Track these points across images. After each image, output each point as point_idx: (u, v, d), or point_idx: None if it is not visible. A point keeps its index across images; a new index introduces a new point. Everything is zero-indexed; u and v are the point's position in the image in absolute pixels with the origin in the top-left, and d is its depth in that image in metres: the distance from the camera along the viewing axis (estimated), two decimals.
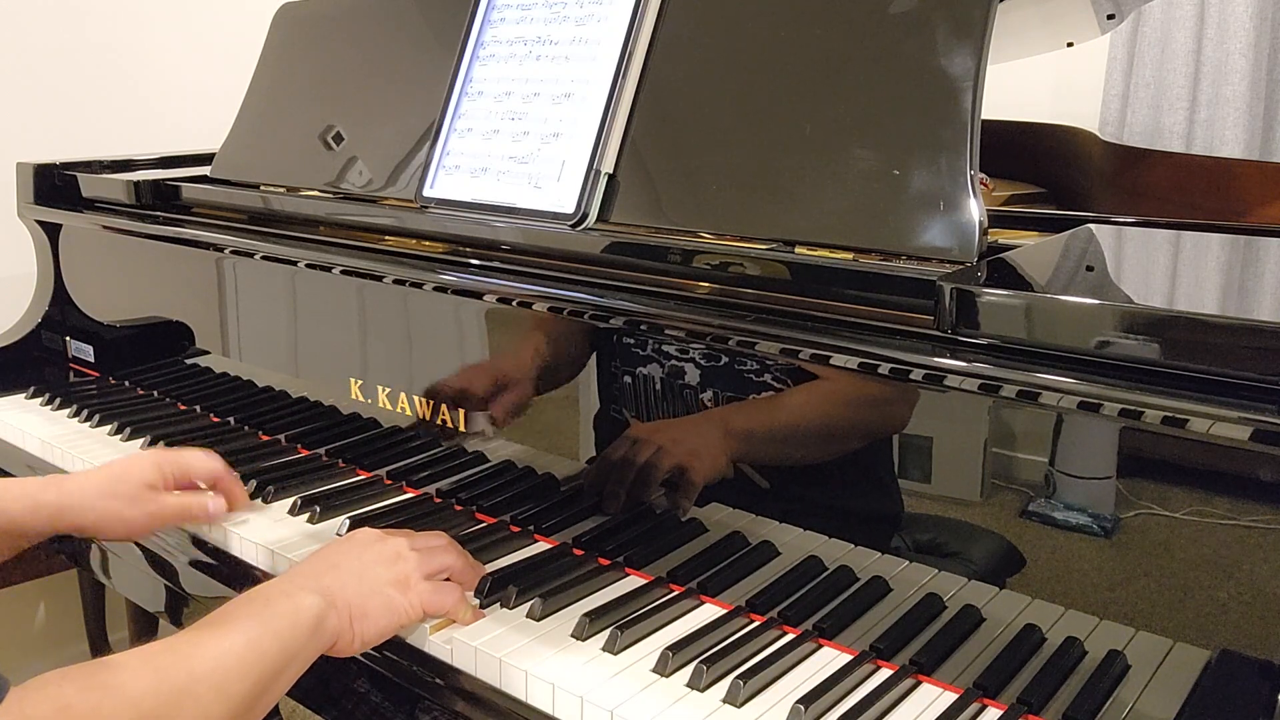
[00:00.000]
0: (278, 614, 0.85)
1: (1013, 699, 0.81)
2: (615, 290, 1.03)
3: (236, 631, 0.82)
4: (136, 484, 1.11)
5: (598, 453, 1.07)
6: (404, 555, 0.95)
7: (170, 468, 1.14)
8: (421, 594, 0.93)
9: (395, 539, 0.97)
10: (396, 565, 0.94)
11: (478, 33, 1.28)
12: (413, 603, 0.92)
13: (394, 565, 0.93)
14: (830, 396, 0.91)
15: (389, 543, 0.96)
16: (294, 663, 0.85)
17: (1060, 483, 0.80)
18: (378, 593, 0.91)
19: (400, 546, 0.96)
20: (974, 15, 0.94)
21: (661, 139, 1.11)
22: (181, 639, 0.81)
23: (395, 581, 0.92)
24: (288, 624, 0.84)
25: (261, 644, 0.82)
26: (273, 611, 0.85)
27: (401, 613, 0.92)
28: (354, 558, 0.94)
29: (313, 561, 0.94)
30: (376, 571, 0.92)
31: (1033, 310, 0.79)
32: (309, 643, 0.86)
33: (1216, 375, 0.71)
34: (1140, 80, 2.04)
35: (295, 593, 0.87)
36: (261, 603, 0.86)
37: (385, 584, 0.92)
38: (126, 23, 2.15)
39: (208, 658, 0.79)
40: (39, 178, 1.70)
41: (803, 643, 0.90)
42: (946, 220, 0.91)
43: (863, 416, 0.90)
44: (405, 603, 0.92)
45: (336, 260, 1.27)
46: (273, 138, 1.54)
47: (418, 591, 0.93)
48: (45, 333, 1.73)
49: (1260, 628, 0.73)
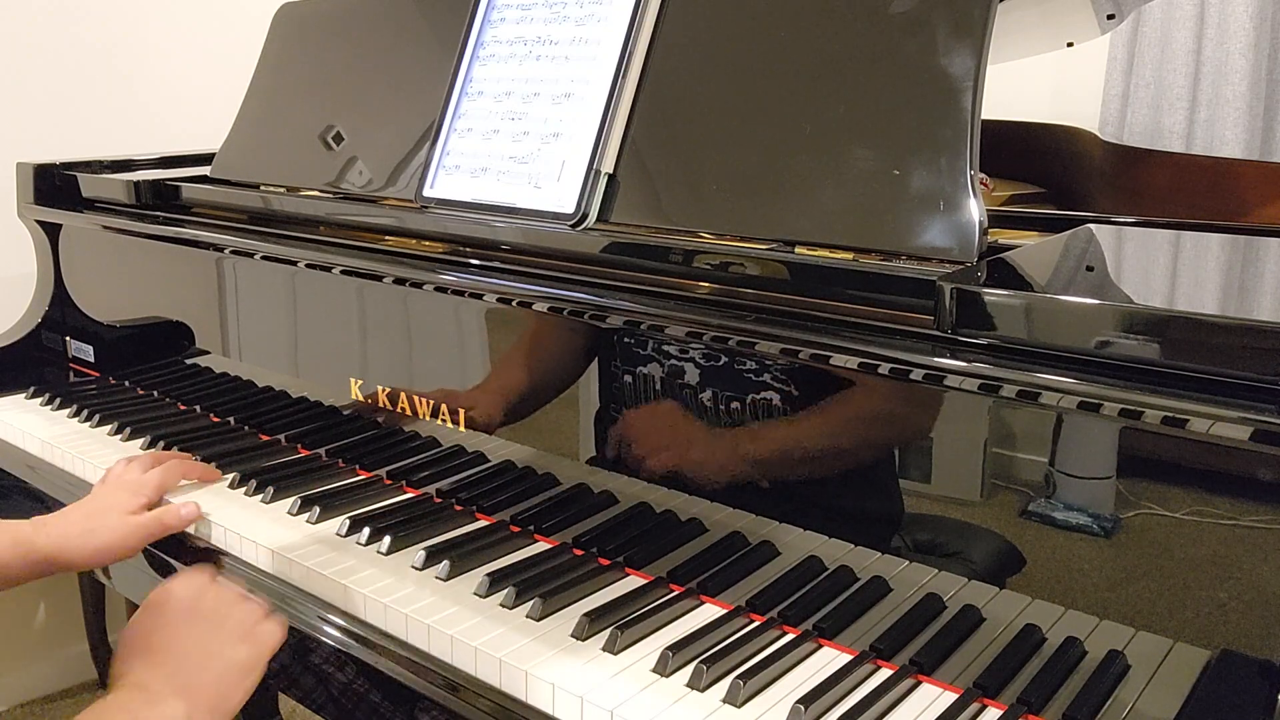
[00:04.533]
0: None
1: (1013, 699, 0.81)
2: (615, 290, 1.03)
3: None
4: (117, 514, 1.14)
5: (598, 453, 1.07)
6: (224, 603, 0.93)
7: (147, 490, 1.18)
8: (264, 637, 0.92)
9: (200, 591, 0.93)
10: (225, 617, 0.91)
11: (478, 33, 1.28)
12: (259, 649, 0.91)
13: (223, 619, 0.91)
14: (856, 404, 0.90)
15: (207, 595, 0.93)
16: None
17: (1060, 483, 0.80)
18: (229, 663, 0.88)
19: (220, 594, 0.93)
20: (974, 15, 0.94)
21: (661, 139, 1.11)
22: None
23: (240, 639, 0.90)
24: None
25: None
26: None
27: (258, 667, 0.90)
28: (183, 632, 0.90)
29: (147, 653, 0.88)
30: (216, 640, 0.89)
31: (1033, 310, 0.79)
32: None
33: (1216, 375, 0.71)
34: (1140, 80, 2.04)
35: (154, 703, 0.83)
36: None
37: (230, 646, 0.89)
38: (126, 23, 2.15)
39: None
40: (39, 178, 1.70)
41: (803, 643, 0.90)
42: (946, 220, 0.91)
43: (886, 423, 0.90)
44: (254, 653, 0.90)
45: (336, 260, 1.27)
46: (273, 138, 1.54)
47: (258, 635, 0.91)
48: (45, 333, 1.73)
49: (1260, 628, 0.73)
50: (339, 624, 1.00)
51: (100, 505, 1.16)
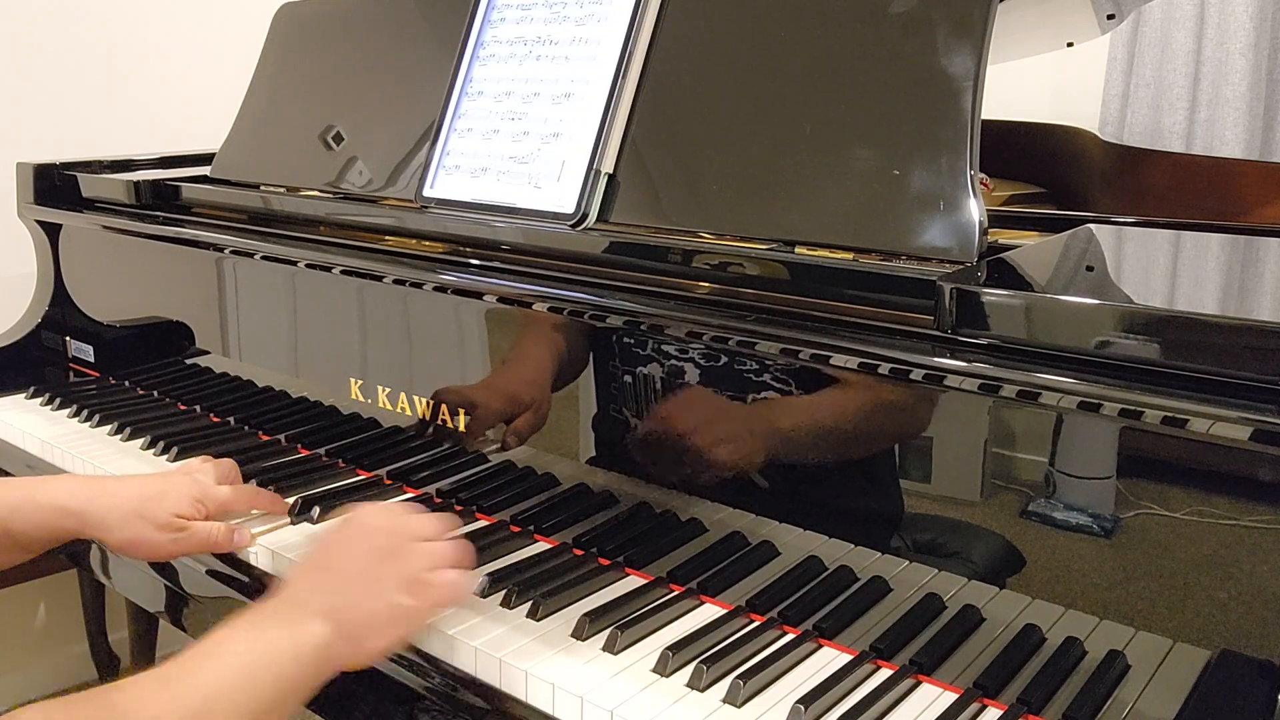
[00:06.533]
0: (277, 645, 0.80)
1: (1013, 699, 0.81)
2: (615, 290, 1.03)
3: (230, 666, 0.78)
4: (170, 511, 1.06)
5: (598, 453, 1.07)
6: (410, 550, 0.88)
7: (210, 505, 1.10)
8: (434, 593, 0.88)
9: (396, 527, 0.90)
10: (404, 562, 0.87)
11: (478, 33, 1.28)
12: (424, 605, 0.88)
13: (401, 562, 0.87)
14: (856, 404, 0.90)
15: (395, 536, 0.89)
16: (293, 696, 0.81)
17: (1060, 483, 0.80)
18: (387, 603, 0.85)
19: (403, 537, 0.89)
20: (974, 15, 0.94)
21: (661, 139, 1.11)
22: (173, 668, 0.77)
23: (405, 584, 0.87)
24: (288, 656, 0.80)
25: (256, 678, 0.77)
26: (271, 641, 0.80)
27: (413, 620, 0.87)
28: (359, 560, 0.87)
29: (316, 569, 0.88)
30: (385, 577, 0.86)
31: (1033, 310, 0.79)
32: (311, 675, 0.81)
33: (1216, 375, 0.71)
34: (1140, 80, 2.04)
35: (301, 619, 0.82)
36: (262, 627, 0.81)
37: (395, 590, 0.86)
38: (127, 23, 2.15)
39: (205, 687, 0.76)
40: (39, 178, 1.70)
41: (803, 643, 0.90)
42: (946, 220, 0.91)
43: (886, 422, 0.90)
44: (415, 608, 0.87)
45: (336, 260, 1.27)
46: (273, 138, 1.54)
47: (429, 592, 0.87)
48: (45, 333, 1.73)
49: (1260, 628, 0.73)
50: None
51: (158, 491, 1.08)
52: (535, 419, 1.12)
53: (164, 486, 1.09)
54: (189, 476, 1.11)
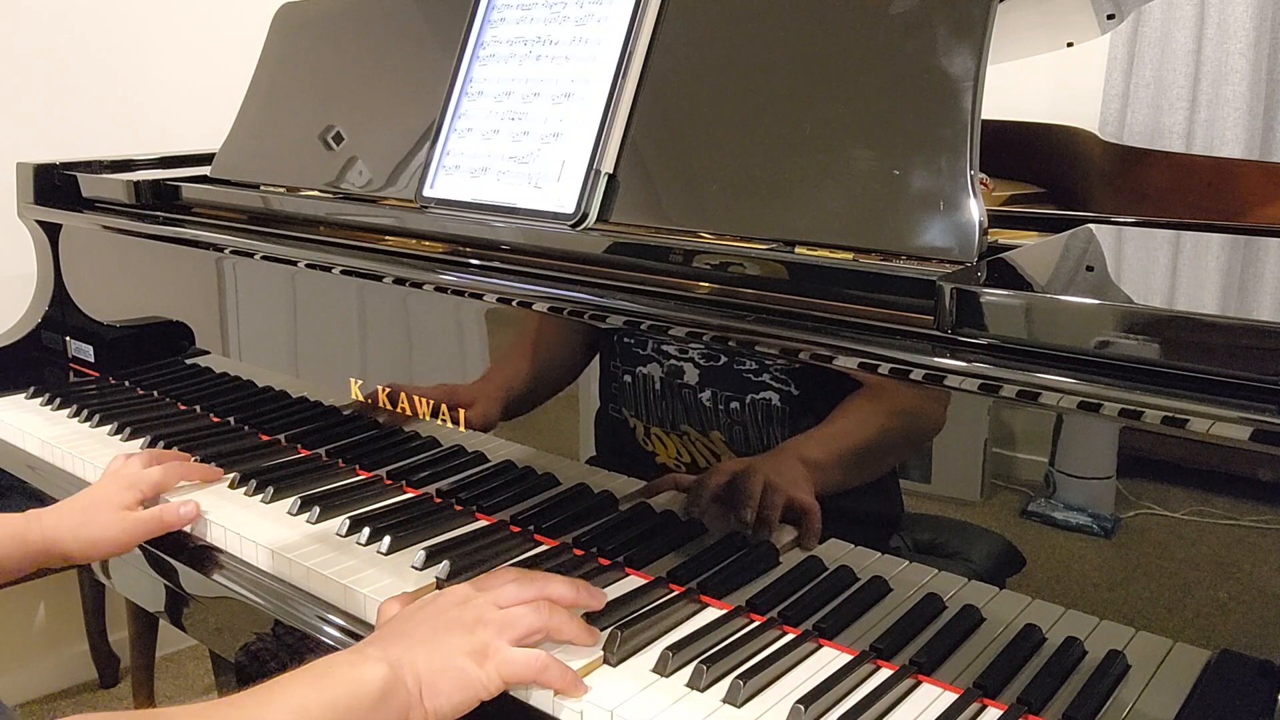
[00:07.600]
0: (336, 682, 0.80)
1: (1013, 699, 0.81)
2: (615, 290, 1.03)
3: (289, 697, 0.78)
4: (112, 508, 1.15)
5: (598, 453, 1.08)
6: (485, 620, 0.87)
7: (145, 487, 1.19)
8: (501, 665, 0.84)
9: (478, 600, 0.89)
10: (475, 633, 0.86)
11: (478, 33, 1.28)
12: (490, 674, 0.84)
13: (471, 633, 0.86)
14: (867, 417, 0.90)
15: (469, 606, 0.88)
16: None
17: (1060, 483, 0.80)
18: (450, 665, 0.84)
19: (482, 609, 0.88)
20: (974, 15, 0.94)
21: (661, 139, 1.11)
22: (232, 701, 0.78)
23: (471, 651, 0.85)
24: (345, 693, 0.79)
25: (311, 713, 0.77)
26: (331, 680, 0.80)
27: (478, 686, 0.84)
28: (426, 624, 0.87)
29: (385, 629, 0.89)
30: (450, 641, 0.85)
31: (1033, 310, 0.79)
32: (371, 716, 0.80)
33: (1216, 375, 0.71)
34: (1140, 80, 2.04)
35: (361, 662, 0.82)
36: (322, 669, 0.81)
37: (459, 654, 0.84)
38: (126, 23, 2.15)
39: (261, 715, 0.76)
40: (39, 178, 1.70)
41: (803, 643, 0.90)
42: (946, 220, 0.91)
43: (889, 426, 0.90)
44: (481, 675, 0.84)
45: (336, 260, 1.27)
46: (272, 138, 1.54)
47: (496, 662, 0.85)
48: (45, 333, 1.73)
49: (1260, 628, 0.73)
50: (339, 624, 1.00)
51: (95, 498, 1.17)
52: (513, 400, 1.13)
53: (95, 490, 1.19)
54: (115, 472, 1.22)
